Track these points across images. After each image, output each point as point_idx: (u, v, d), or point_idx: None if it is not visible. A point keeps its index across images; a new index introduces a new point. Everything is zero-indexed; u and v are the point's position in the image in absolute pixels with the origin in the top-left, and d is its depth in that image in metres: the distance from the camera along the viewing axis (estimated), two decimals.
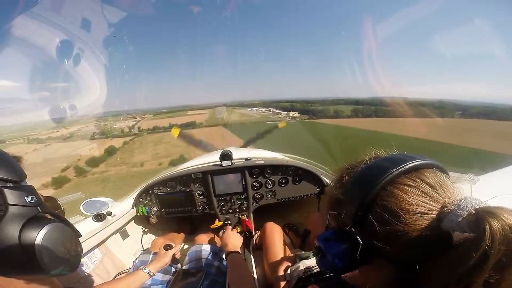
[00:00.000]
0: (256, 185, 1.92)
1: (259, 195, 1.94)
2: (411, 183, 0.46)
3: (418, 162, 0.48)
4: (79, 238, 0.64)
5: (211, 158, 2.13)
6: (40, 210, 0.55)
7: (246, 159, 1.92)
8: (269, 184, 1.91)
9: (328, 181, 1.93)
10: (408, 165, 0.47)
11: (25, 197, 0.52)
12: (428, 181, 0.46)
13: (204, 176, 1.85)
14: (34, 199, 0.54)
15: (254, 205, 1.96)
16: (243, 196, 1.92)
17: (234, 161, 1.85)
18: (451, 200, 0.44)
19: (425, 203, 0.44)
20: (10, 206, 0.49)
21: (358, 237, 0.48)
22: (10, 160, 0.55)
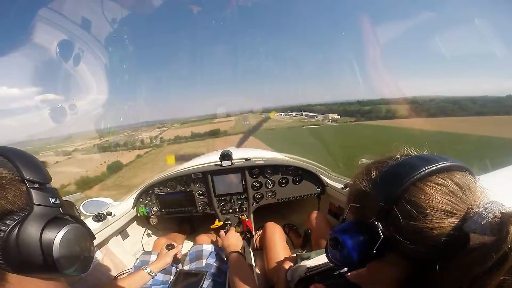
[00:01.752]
0: (256, 185, 2.08)
1: (259, 195, 2.10)
2: (441, 182, 0.52)
3: (450, 163, 0.54)
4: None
5: (211, 158, 2.35)
6: (62, 212, 0.63)
7: (246, 159, 2.10)
8: (269, 184, 2.07)
9: (328, 181, 2.04)
10: (440, 165, 0.53)
11: (50, 198, 0.59)
12: (457, 182, 0.52)
13: (204, 176, 2.05)
14: (57, 201, 0.61)
15: (254, 205, 2.12)
16: (243, 196, 2.09)
17: (234, 161, 2.03)
18: (478, 203, 0.50)
19: (452, 202, 0.50)
20: (35, 206, 0.56)
21: (380, 230, 0.54)
22: (38, 163, 0.63)
